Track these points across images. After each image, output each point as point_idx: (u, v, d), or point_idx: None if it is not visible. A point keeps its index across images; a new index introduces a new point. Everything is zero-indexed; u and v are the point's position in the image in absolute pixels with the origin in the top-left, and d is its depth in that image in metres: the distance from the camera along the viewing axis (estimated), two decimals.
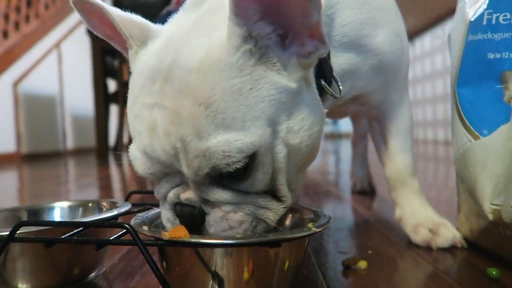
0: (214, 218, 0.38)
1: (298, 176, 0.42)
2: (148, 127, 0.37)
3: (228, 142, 0.35)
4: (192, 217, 0.38)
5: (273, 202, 0.40)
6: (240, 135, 0.35)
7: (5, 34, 3.43)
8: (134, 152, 0.39)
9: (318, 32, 0.36)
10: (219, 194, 0.38)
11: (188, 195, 0.39)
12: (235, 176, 0.37)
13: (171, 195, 0.40)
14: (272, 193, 0.40)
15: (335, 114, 0.72)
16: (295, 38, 0.38)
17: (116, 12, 0.42)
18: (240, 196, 0.38)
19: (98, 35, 0.47)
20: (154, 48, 0.41)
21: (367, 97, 0.60)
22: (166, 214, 0.41)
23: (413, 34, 4.01)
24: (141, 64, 0.41)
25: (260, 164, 0.37)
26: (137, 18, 0.44)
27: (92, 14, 0.44)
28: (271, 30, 0.37)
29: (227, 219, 0.38)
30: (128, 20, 0.43)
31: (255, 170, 0.37)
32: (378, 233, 0.68)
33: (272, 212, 0.40)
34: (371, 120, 0.67)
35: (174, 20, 0.44)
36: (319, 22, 0.36)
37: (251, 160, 0.36)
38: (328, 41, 0.37)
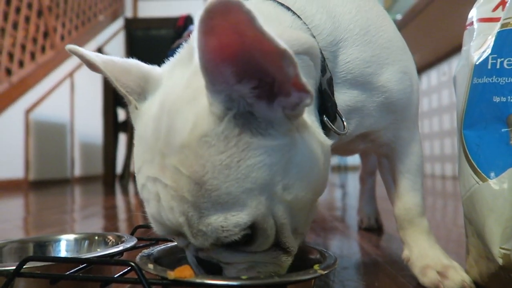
0: (230, 274, 0.40)
1: (305, 218, 0.42)
2: (153, 198, 0.38)
3: (226, 218, 0.35)
4: (213, 269, 0.41)
5: (280, 255, 0.41)
6: (236, 210, 0.36)
7: (21, 64, 3.54)
8: (148, 215, 0.41)
9: (299, 84, 0.35)
10: (230, 258, 0.39)
11: (205, 254, 0.40)
12: (240, 243, 0.38)
13: (191, 248, 0.41)
14: (278, 245, 0.40)
15: (344, 151, 0.72)
16: (281, 87, 0.36)
17: (110, 66, 0.42)
18: (249, 256, 0.39)
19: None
20: (152, 110, 0.40)
21: (377, 134, 0.60)
22: (191, 259, 0.43)
23: (420, 69, 4.06)
24: (142, 125, 0.41)
25: (261, 230, 0.38)
26: (135, 68, 0.43)
27: (96, 69, 0.44)
28: (254, 85, 0.35)
29: (242, 273, 0.40)
30: (124, 72, 0.42)
31: (258, 236, 0.38)
32: (385, 273, 0.66)
33: (281, 266, 0.41)
34: (381, 158, 0.67)
35: (172, 70, 0.43)
36: (297, 75, 0.33)
37: (252, 229, 0.37)
38: (312, 90, 0.36)
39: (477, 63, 0.54)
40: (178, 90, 0.39)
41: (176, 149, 0.36)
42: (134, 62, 0.44)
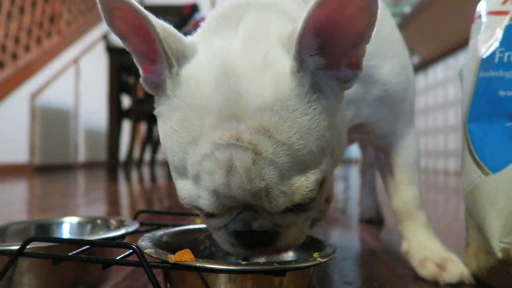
0: (287, 235, 0.41)
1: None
2: (223, 168, 0.36)
3: (307, 177, 0.37)
4: (263, 243, 0.40)
5: (324, 204, 0.44)
6: (314, 168, 0.37)
7: (27, 48, 3.54)
8: (197, 191, 0.38)
9: (358, 61, 0.39)
10: (293, 219, 0.40)
11: (261, 223, 0.39)
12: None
13: (237, 223, 0.39)
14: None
15: None
16: (334, 61, 0.39)
17: (156, 22, 0.37)
18: (308, 213, 0.41)
19: (113, 31, 0.40)
20: (205, 76, 0.38)
21: (372, 126, 0.61)
22: (228, 240, 0.41)
23: (426, 63, 4.02)
24: (190, 92, 0.38)
25: (325, 186, 0.40)
26: (171, 28, 0.39)
27: (118, 11, 0.37)
28: (321, 59, 0.38)
29: (301, 231, 0.42)
30: (165, 32, 0.38)
31: (321, 192, 0.40)
32: (384, 264, 0.67)
33: (324, 213, 0.46)
34: (378, 151, 0.67)
35: (205, 40, 0.41)
36: (363, 53, 0.38)
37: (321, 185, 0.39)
38: (362, 67, 0.40)
39: (484, 56, 0.53)
40: (239, 55, 0.38)
41: (256, 112, 0.35)
42: (168, 24, 0.39)
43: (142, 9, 0.36)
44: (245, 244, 0.40)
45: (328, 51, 0.38)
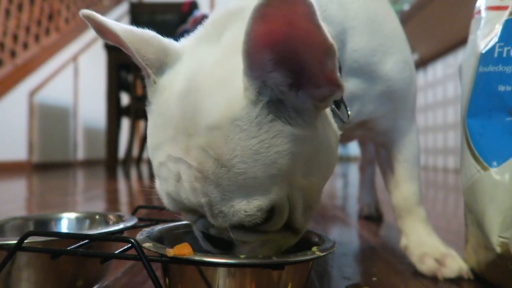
0: (243, 251, 0.40)
1: (316, 198, 0.43)
2: (173, 177, 0.38)
3: (248, 202, 0.36)
4: (222, 246, 0.41)
5: (289, 234, 0.42)
6: (259, 195, 0.36)
7: (25, 46, 3.53)
8: (160, 189, 0.40)
9: (333, 77, 0.35)
10: (244, 237, 0.39)
11: (217, 231, 0.40)
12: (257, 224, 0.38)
13: (199, 224, 0.41)
14: (287, 225, 0.41)
15: (341, 138, 0.73)
16: (309, 79, 0.36)
17: (131, 36, 0.40)
18: (262, 235, 0.40)
19: (108, 42, 0.45)
20: (176, 87, 0.39)
21: (375, 122, 0.61)
22: (197, 234, 0.43)
23: (426, 61, 4.02)
24: (163, 101, 0.40)
25: (277, 212, 0.38)
26: (154, 39, 0.41)
27: (104, 29, 0.42)
28: (288, 74, 0.35)
29: (255, 251, 0.40)
30: (144, 43, 0.40)
31: (274, 217, 0.39)
32: (383, 260, 0.67)
33: (290, 241, 0.43)
34: (378, 147, 0.67)
35: (195, 46, 0.42)
36: (334, 68, 0.35)
37: (270, 211, 0.38)
38: (344, 85, 0.36)
39: (483, 51, 0.53)
40: (208, 68, 0.38)
41: (204, 130, 0.35)
42: (153, 33, 0.41)
43: (115, 27, 0.40)
44: (211, 243, 0.41)
45: (296, 67, 0.35)
